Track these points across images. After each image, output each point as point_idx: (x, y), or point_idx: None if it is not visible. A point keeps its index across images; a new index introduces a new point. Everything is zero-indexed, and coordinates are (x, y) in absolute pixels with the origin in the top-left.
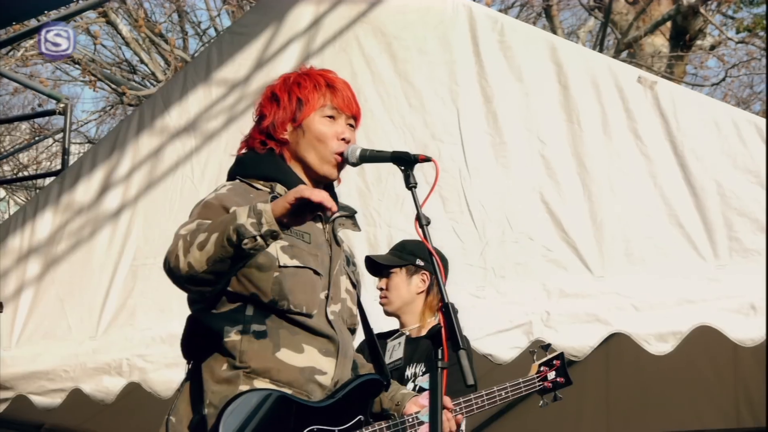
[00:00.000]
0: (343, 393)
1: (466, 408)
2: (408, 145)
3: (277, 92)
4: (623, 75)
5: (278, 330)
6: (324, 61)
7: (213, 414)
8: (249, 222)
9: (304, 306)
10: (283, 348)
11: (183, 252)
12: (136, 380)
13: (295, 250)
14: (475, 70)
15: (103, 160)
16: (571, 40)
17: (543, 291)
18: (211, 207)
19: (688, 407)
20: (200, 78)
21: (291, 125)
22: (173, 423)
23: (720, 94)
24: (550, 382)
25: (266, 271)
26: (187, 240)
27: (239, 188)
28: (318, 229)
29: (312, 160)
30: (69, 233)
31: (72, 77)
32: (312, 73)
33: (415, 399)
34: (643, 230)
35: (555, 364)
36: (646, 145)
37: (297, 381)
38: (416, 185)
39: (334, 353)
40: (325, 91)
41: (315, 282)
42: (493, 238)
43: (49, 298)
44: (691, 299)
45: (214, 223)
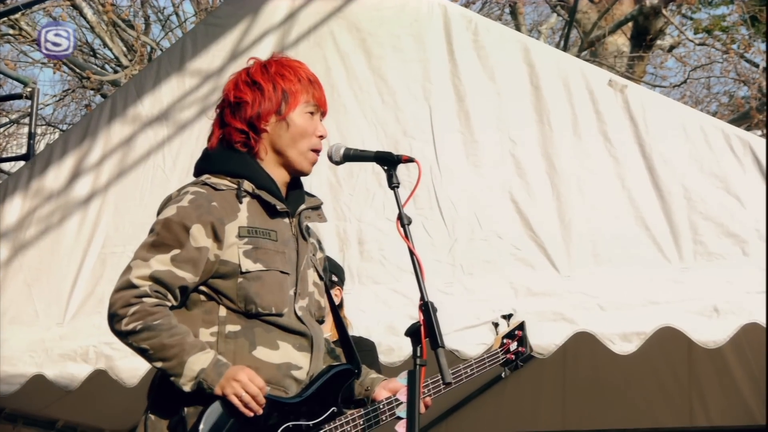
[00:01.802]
0: (315, 387)
1: (434, 389)
2: (380, 141)
3: (260, 80)
4: (594, 78)
5: (252, 329)
6: (298, 55)
7: (193, 414)
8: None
9: (272, 307)
10: (259, 346)
11: (131, 319)
12: (103, 367)
13: (258, 252)
14: (448, 68)
15: (74, 147)
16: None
17: (510, 289)
18: (171, 228)
19: (643, 405)
20: (174, 68)
21: (275, 117)
22: (152, 421)
23: (678, 94)
24: (513, 353)
25: (230, 279)
26: (138, 312)
27: (200, 198)
28: (284, 225)
29: (292, 155)
30: (38, 219)
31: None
32: (292, 64)
33: (384, 383)
34: (610, 231)
35: (517, 334)
36: (615, 148)
37: (274, 377)
38: (399, 185)
39: (308, 348)
40: (307, 86)
41: (282, 281)
42: (462, 235)
43: (17, 283)
44: (656, 300)
45: (170, 340)
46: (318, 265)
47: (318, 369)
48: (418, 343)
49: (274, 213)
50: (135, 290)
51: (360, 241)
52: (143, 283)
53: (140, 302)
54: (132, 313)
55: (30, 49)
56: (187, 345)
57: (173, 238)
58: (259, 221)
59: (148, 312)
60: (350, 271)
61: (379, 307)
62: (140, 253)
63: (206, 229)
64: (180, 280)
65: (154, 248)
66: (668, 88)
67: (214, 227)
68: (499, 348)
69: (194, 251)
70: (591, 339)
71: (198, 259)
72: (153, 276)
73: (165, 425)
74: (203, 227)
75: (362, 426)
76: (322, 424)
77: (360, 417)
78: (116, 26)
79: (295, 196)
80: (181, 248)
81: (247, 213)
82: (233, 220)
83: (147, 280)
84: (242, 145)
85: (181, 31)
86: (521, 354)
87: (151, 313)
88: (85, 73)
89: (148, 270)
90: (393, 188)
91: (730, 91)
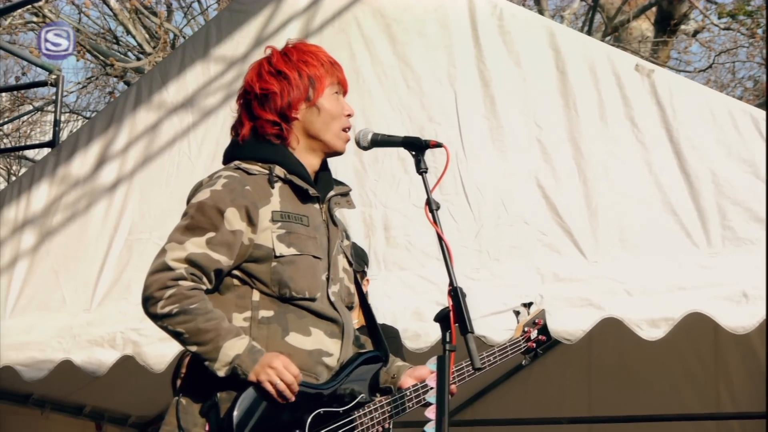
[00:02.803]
0: (345, 374)
1: (458, 377)
2: (405, 127)
3: (284, 69)
4: (621, 62)
5: (285, 314)
6: (323, 41)
7: (226, 399)
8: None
9: (306, 291)
10: (292, 332)
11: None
12: (130, 353)
13: (292, 237)
14: (473, 53)
15: (99, 134)
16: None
17: (537, 274)
18: (205, 212)
19: (669, 391)
20: (199, 55)
21: (305, 104)
22: (184, 405)
23: (702, 79)
24: (534, 341)
25: (263, 263)
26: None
27: (234, 182)
28: (315, 210)
29: (327, 137)
30: (64, 206)
31: None
32: (311, 49)
33: (410, 371)
34: (637, 216)
35: (537, 323)
36: (642, 133)
37: (306, 364)
38: (427, 170)
39: (339, 334)
40: (329, 68)
41: (315, 266)
42: (488, 220)
43: (44, 269)
44: (684, 286)
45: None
46: (346, 251)
47: (348, 356)
48: (447, 329)
49: (306, 198)
50: (171, 272)
51: (386, 227)
52: (179, 266)
53: (176, 285)
54: (168, 296)
55: None
56: (222, 330)
57: (208, 222)
58: (291, 206)
59: (185, 295)
60: (376, 257)
61: (406, 292)
62: (175, 236)
63: (240, 212)
64: (215, 263)
65: (188, 231)
66: (693, 73)
67: (248, 211)
68: (520, 336)
69: (229, 234)
70: (616, 325)
71: (233, 242)
72: (189, 258)
73: (197, 409)
74: (237, 211)
75: (390, 413)
76: (351, 410)
77: (388, 404)
78: (139, 13)
79: (325, 182)
80: (215, 231)
81: (280, 198)
82: (266, 205)
83: (183, 262)
84: (275, 137)
85: (204, 18)
86: (542, 342)
87: (187, 296)
88: (108, 61)
89: (184, 252)
90: (421, 173)
91: (755, 75)
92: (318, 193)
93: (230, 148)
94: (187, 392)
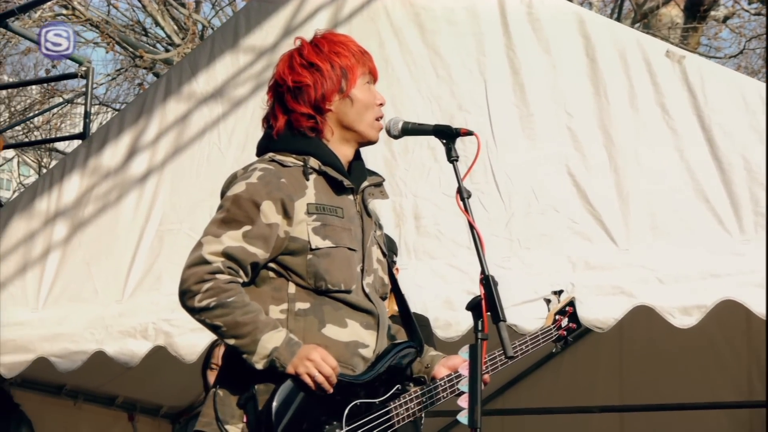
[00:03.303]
0: (381, 365)
1: (491, 366)
2: (435, 116)
3: (316, 61)
4: (651, 49)
5: (321, 306)
6: (351, 30)
7: (264, 391)
8: (283, 356)
9: (342, 283)
10: (328, 324)
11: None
12: (162, 344)
13: (327, 229)
14: (503, 41)
15: (130, 125)
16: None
17: (568, 263)
18: (241, 205)
19: (701, 379)
20: (228, 45)
21: (338, 95)
22: (221, 397)
23: (733, 65)
24: (565, 329)
25: (299, 255)
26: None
27: (269, 174)
28: (349, 202)
29: (361, 128)
30: (96, 197)
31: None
32: (341, 39)
33: (444, 361)
34: (668, 204)
35: (568, 310)
36: (674, 119)
37: (343, 356)
38: (458, 158)
39: (375, 326)
40: (361, 59)
41: (350, 258)
42: (518, 209)
43: (76, 261)
44: (716, 273)
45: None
46: (380, 242)
47: (383, 347)
48: (479, 317)
49: (340, 190)
50: (208, 266)
51: (416, 216)
52: (216, 259)
53: (214, 278)
54: (206, 289)
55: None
56: (260, 323)
57: (244, 215)
58: (326, 198)
59: (222, 289)
60: (407, 247)
61: (436, 282)
62: (211, 229)
63: (276, 205)
64: (252, 257)
65: (225, 224)
66: (723, 59)
67: (284, 204)
68: (551, 324)
69: (265, 228)
70: (648, 312)
71: (269, 235)
72: (225, 252)
73: (234, 401)
74: (273, 204)
75: (425, 403)
76: (387, 401)
77: (423, 394)
78: (167, 5)
79: (358, 173)
80: (252, 224)
81: (314, 190)
82: (302, 197)
83: (219, 256)
84: (310, 130)
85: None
86: (572, 330)
87: (225, 290)
88: (137, 52)
89: (221, 246)
90: (452, 162)
91: None
92: (352, 184)
93: (264, 141)
94: (224, 384)
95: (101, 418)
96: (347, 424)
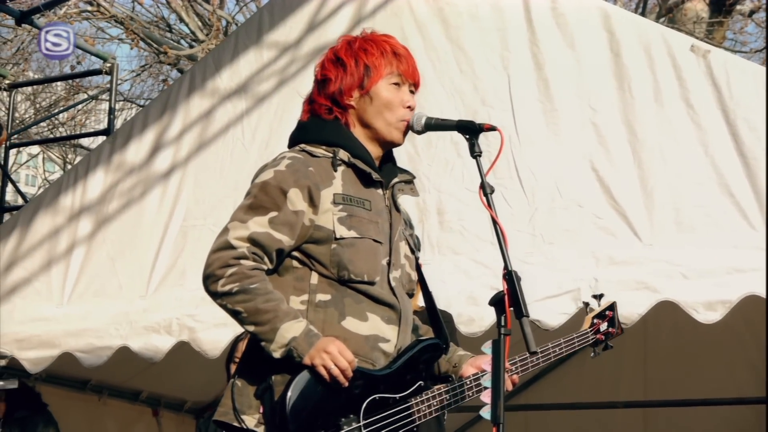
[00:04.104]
0: (403, 359)
1: (522, 367)
2: (458, 111)
3: (343, 57)
4: (676, 43)
5: (343, 298)
6: (375, 26)
7: (280, 382)
8: (301, 346)
9: (365, 274)
10: (348, 317)
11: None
12: (186, 339)
13: (353, 220)
14: (526, 36)
15: (154, 121)
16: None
17: (592, 258)
18: (268, 191)
19: (726, 375)
20: (251, 41)
21: (358, 92)
22: (239, 387)
23: (758, 60)
24: (603, 333)
25: (323, 245)
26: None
27: (297, 163)
28: (378, 196)
29: (380, 126)
30: (120, 193)
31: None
32: (376, 39)
33: (472, 360)
34: (693, 199)
35: (607, 315)
36: (698, 114)
37: (362, 349)
38: (481, 154)
39: (397, 321)
40: (391, 59)
41: (375, 250)
42: (542, 204)
43: (101, 256)
44: (741, 268)
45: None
46: (409, 239)
47: (405, 342)
48: (502, 313)
49: (369, 183)
50: (233, 251)
51: (439, 212)
52: (241, 245)
53: (238, 264)
54: (230, 274)
55: (108, 26)
56: (281, 312)
57: (271, 201)
58: (353, 190)
59: (246, 275)
60: (430, 242)
61: (460, 277)
62: (237, 215)
63: (303, 193)
64: (277, 243)
65: (251, 210)
66: (749, 53)
67: (311, 192)
68: (588, 328)
69: (291, 214)
70: (672, 308)
71: (295, 222)
72: (251, 237)
73: (252, 391)
74: (300, 191)
75: (448, 401)
76: (408, 397)
77: (446, 392)
78: (191, 1)
79: (389, 169)
80: (278, 211)
81: (342, 181)
82: (328, 187)
83: (245, 241)
84: (327, 112)
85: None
86: (611, 335)
87: (248, 276)
88: (161, 48)
89: (247, 231)
90: (475, 157)
91: None
92: (381, 178)
93: (295, 132)
94: (243, 375)
95: (126, 414)
96: (365, 418)
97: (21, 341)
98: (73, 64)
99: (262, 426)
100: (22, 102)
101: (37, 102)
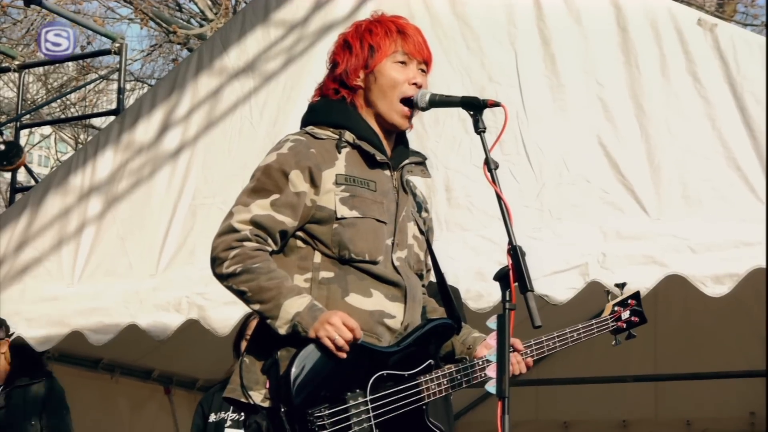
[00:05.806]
0: (413, 338)
1: (537, 350)
2: (465, 88)
3: (350, 40)
4: (683, 17)
5: (346, 276)
6: (382, 4)
7: (286, 357)
8: (305, 321)
9: (366, 254)
10: (352, 293)
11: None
12: (195, 317)
13: (355, 200)
14: (533, 12)
15: (162, 101)
16: None
17: (599, 233)
18: (271, 174)
19: (735, 348)
20: (259, 19)
21: (363, 72)
22: (247, 364)
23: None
24: (624, 321)
25: (325, 224)
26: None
27: (299, 145)
28: (385, 177)
29: (382, 107)
30: (129, 172)
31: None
32: (383, 19)
33: (486, 342)
34: (700, 173)
35: (630, 303)
36: (705, 88)
37: (366, 324)
38: (485, 130)
39: (402, 298)
40: (396, 37)
41: (378, 230)
42: (549, 180)
43: (110, 236)
44: (749, 242)
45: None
46: (418, 220)
47: (414, 320)
48: (506, 288)
49: (374, 164)
50: (236, 234)
51: (447, 188)
52: (244, 227)
53: (241, 246)
54: (233, 256)
55: (117, 5)
56: (284, 289)
57: (273, 184)
58: (357, 171)
59: (248, 255)
60: (438, 218)
61: (468, 253)
62: (241, 198)
63: (304, 174)
64: (280, 224)
65: (254, 193)
66: (760, 26)
67: (312, 172)
68: (609, 315)
69: (293, 196)
70: (681, 282)
71: (297, 203)
72: (253, 220)
73: (259, 367)
74: (301, 172)
75: (458, 380)
76: (417, 375)
77: (458, 372)
78: None
79: (401, 150)
80: (280, 193)
81: (346, 162)
82: (330, 168)
83: (248, 224)
84: (334, 92)
85: None
86: (634, 323)
87: (251, 256)
88: (171, 28)
89: (249, 214)
90: (479, 133)
91: None
92: (388, 159)
93: (305, 114)
94: (251, 352)
95: (138, 392)
96: (372, 393)
97: (30, 320)
98: (83, 44)
99: (269, 401)
100: (33, 83)
101: (49, 83)
